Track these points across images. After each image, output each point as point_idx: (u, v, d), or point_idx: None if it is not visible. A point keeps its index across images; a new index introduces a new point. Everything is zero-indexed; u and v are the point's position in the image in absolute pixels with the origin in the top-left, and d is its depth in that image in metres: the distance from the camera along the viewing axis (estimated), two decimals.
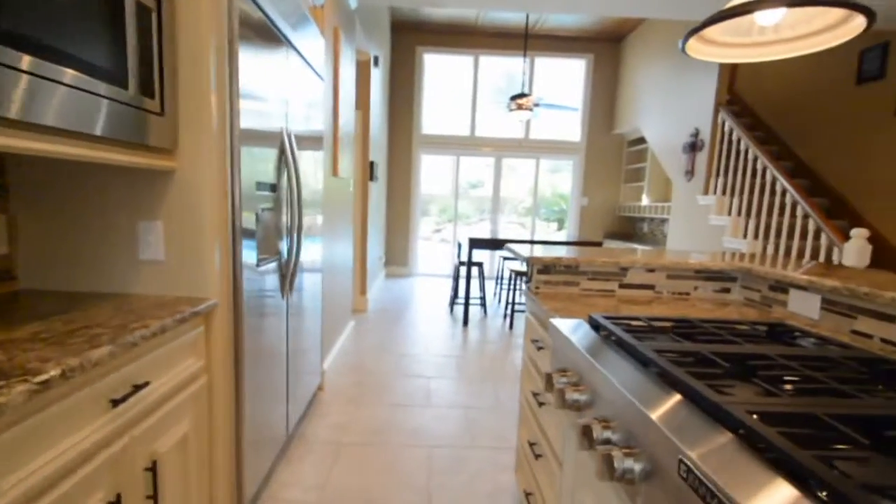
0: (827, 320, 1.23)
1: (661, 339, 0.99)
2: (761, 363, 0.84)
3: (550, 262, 1.55)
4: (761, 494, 0.48)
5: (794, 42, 1.36)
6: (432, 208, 7.40)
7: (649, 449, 0.67)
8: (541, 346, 1.42)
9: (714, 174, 4.35)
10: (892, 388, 0.79)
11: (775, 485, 0.50)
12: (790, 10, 1.26)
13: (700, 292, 1.57)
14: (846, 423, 0.60)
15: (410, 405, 2.51)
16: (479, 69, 6.74)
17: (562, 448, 1.16)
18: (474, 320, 4.42)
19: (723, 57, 1.49)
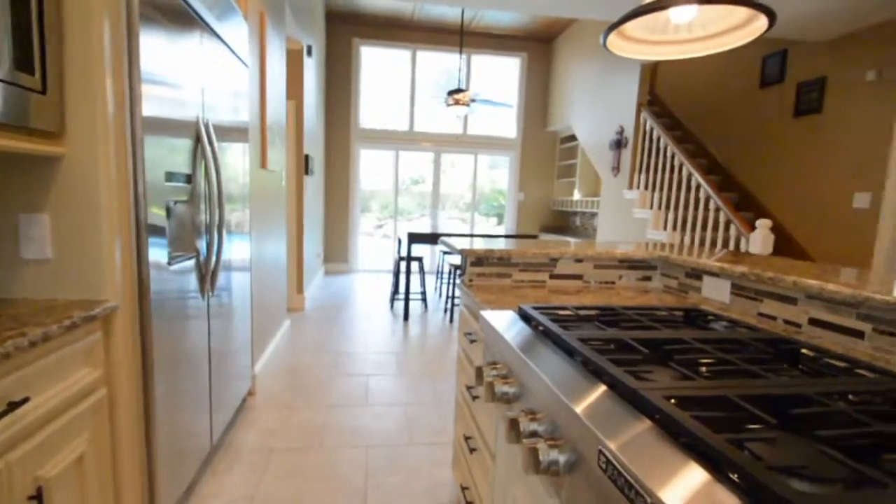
0: (736, 304, 1.30)
1: (587, 328, 0.99)
2: (677, 347, 0.85)
3: (483, 254, 1.53)
4: (676, 481, 0.47)
5: (705, 41, 1.42)
6: (373, 204, 7.24)
7: (573, 440, 0.65)
8: (473, 338, 1.40)
9: (637, 170, 4.59)
10: (795, 366, 0.83)
11: (689, 470, 0.49)
12: (701, 10, 1.31)
13: (624, 281, 1.62)
14: (755, 404, 0.61)
15: (348, 405, 2.41)
16: (417, 64, 6.67)
17: (494, 441, 1.14)
18: (415, 315, 4.37)
19: (641, 53, 1.53)
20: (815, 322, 1.09)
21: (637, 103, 4.56)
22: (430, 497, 1.71)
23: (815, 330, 1.08)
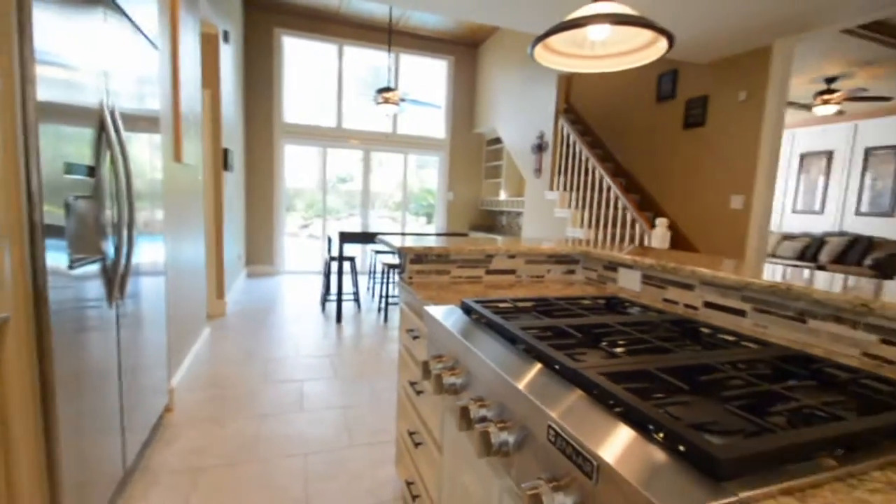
0: (646, 292, 1.46)
1: (525, 318, 1.06)
2: (604, 331, 0.95)
3: (422, 251, 1.56)
4: (614, 444, 0.54)
5: (617, 57, 1.57)
6: (298, 203, 6.94)
7: (521, 420, 0.71)
8: (416, 335, 1.42)
9: (557, 172, 4.90)
10: (696, 341, 0.97)
11: (624, 433, 0.56)
12: (614, 29, 1.45)
13: (552, 274, 1.74)
14: (670, 374, 0.71)
15: (281, 413, 2.32)
16: (344, 59, 6.51)
17: (441, 433, 1.18)
18: (348, 316, 4.28)
19: (563, 65, 1.66)
20: (708, 304, 1.26)
21: (555, 111, 4.86)
22: (373, 497, 1.70)
23: (709, 311, 1.25)
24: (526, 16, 3.50)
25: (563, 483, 0.59)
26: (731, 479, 0.47)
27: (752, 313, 1.15)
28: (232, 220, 4.67)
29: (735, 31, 3.51)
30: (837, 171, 6.82)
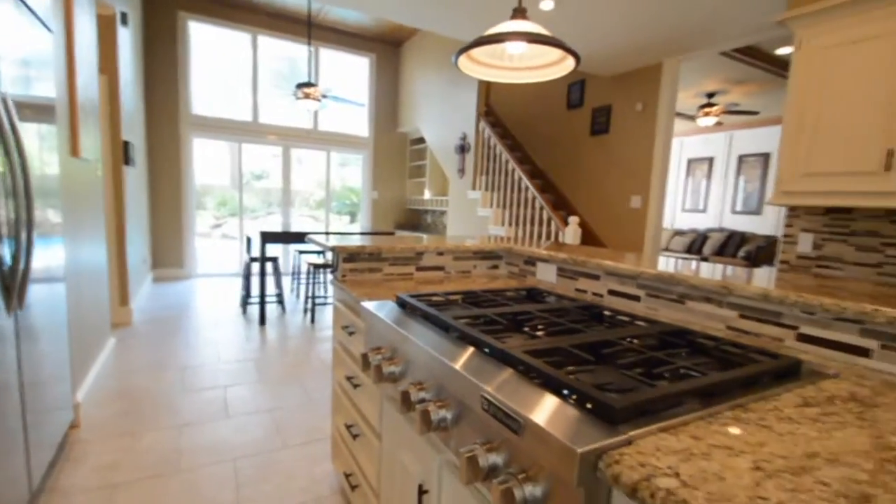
0: (561, 283, 1.64)
1: (456, 309, 1.16)
2: (525, 317, 1.08)
3: (356, 250, 1.60)
4: (535, 405, 0.65)
5: (531, 70, 1.73)
6: (209, 201, 6.49)
7: (457, 396, 0.80)
8: (352, 331, 1.46)
9: (479, 173, 5.12)
10: (601, 322, 1.13)
11: (543, 397, 0.67)
12: (529, 46, 1.61)
13: (478, 269, 1.87)
14: (579, 349, 0.85)
15: (204, 421, 2.21)
16: (259, 50, 6.20)
17: (379, 421, 1.24)
18: (272, 319, 4.13)
19: (484, 75, 1.79)
20: (611, 292, 1.46)
21: (476, 113, 5.07)
22: (309, 494, 1.71)
23: (611, 297, 1.45)
24: (447, 20, 3.63)
25: (496, 444, 0.69)
26: (623, 423, 0.60)
27: (646, 298, 1.36)
28: (135, 220, 4.27)
29: (631, 49, 3.94)
30: (717, 175, 7.84)
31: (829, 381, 0.83)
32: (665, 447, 0.57)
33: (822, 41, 2.29)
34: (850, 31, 2.19)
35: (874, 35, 2.11)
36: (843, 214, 2.52)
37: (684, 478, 0.50)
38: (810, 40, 2.33)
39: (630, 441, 0.57)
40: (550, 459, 0.58)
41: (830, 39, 2.26)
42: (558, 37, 3.95)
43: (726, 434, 0.61)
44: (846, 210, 2.50)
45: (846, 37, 2.20)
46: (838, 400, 0.75)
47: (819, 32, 2.30)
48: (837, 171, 2.25)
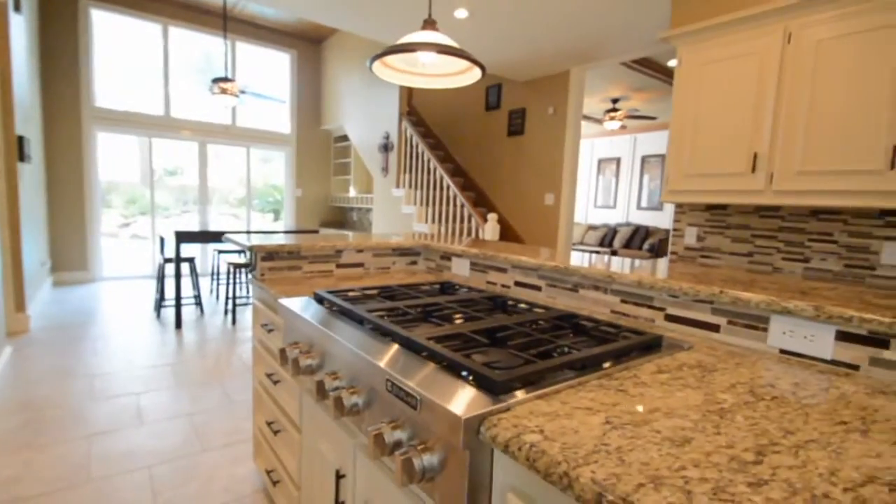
0: (474, 276, 1.74)
1: (371, 303, 1.20)
2: (435, 309, 1.15)
3: (274, 249, 1.58)
4: (433, 383, 0.71)
5: (442, 77, 1.81)
6: (116, 199, 5.87)
7: (368, 382, 0.85)
8: (271, 328, 1.45)
9: (402, 171, 5.15)
10: (503, 311, 1.23)
11: (442, 377, 0.74)
12: (439, 55, 1.68)
13: (397, 265, 1.92)
14: (477, 334, 0.93)
15: (116, 430, 2.04)
16: (171, 42, 5.71)
17: (299, 414, 1.25)
18: (189, 321, 3.86)
19: (399, 80, 1.83)
20: (518, 283, 1.58)
21: (398, 113, 5.09)
22: (231, 494, 1.66)
23: (518, 289, 1.57)
24: (363, 24, 3.61)
25: (400, 422, 0.75)
26: (505, 394, 0.68)
27: (546, 288, 1.49)
28: (31, 220, 3.77)
29: (540, 57, 4.18)
30: (624, 174, 8.52)
31: (684, 353, 0.98)
32: (537, 411, 0.66)
33: (699, 57, 2.57)
34: (722, 50, 2.46)
35: (741, 53, 2.40)
36: (721, 210, 2.86)
37: (547, 433, 0.59)
38: (689, 56, 2.61)
39: (509, 408, 0.66)
40: (442, 428, 0.65)
41: (706, 56, 2.54)
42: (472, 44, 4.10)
43: (589, 398, 0.71)
44: (723, 207, 2.83)
45: (718, 54, 2.48)
46: (686, 367, 0.89)
47: (696, 49, 2.58)
48: (714, 172, 2.55)
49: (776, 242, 2.62)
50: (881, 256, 2.27)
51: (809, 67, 2.18)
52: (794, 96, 2.23)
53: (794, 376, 0.86)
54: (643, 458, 0.54)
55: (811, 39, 2.17)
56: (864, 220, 2.32)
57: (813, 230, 2.48)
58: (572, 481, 0.51)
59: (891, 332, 0.85)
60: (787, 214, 2.58)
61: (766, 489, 0.49)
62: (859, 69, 2.04)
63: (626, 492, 0.47)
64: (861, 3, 2.01)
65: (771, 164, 2.32)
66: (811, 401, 0.75)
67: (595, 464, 0.52)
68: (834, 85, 2.11)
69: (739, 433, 0.62)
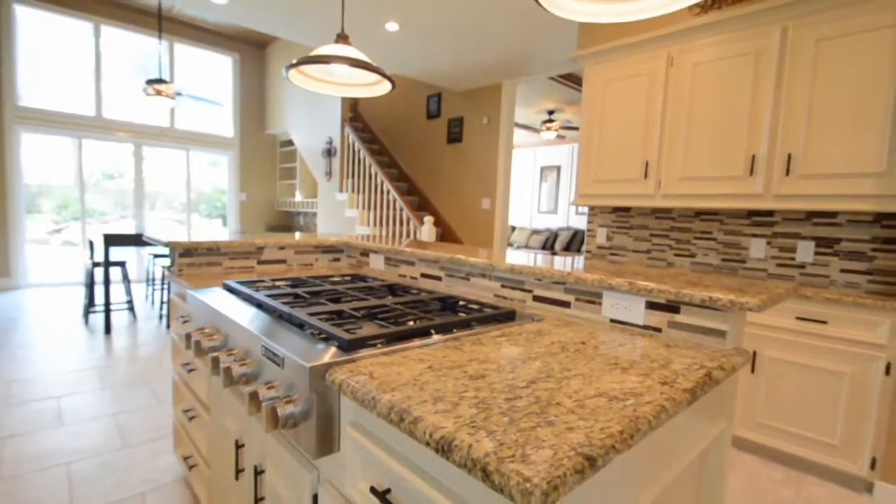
0: (388, 270, 1.90)
1: (276, 291, 1.33)
2: (331, 294, 1.29)
3: (191, 245, 1.67)
4: (302, 349, 0.86)
5: (357, 87, 1.97)
6: (46, 203, 5.57)
7: (254, 354, 0.99)
8: (186, 319, 1.54)
9: (345, 176, 5.25)
10: (393, 295, 1.40)
11: (313, 344, 0.89)
12: (351, 68, 1.84)
13: (321, 262, 2.05)
14: (357, 312, 1.09)
15: (32, 431, 2.02)
16: (104, 40, 5.52)
17: (208, 396, 1.36)
18: (120, 327, 3.76)
19: (313, 87, 1.97)
20: (423, 275, 1.75)
21: (341, 119, 5.19)
22: (151, 484, 1.72)
23: (423, 280, 1.74)
24: (297, 32, 3.71)
25: (275, 383, 0.90)
26: (354, 351, 0.85)
27: (445, 278, 1.67)
28: None
29: (472, 70, 4.43)
30: (564, 181, 8.99)
31: (532, 324, 1.17)
32: (376, 362, 0.82)
33: (600, 76, 2.89)
34: (619, 70, 2.78)
35: (634, 74, 2.72)
36: (624, 213, 3.19)
37: (374, 375, 0.75)
38: (593, 75, 2.93)
39: (354, 360, 0.82)
40: (300, 380, 0.80)
41: (606, 75, 2.86)
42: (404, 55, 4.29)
43: (427, 353, 0.88)
44: (626, 209, 3.16)
45: (616, 73, 2.80)
46: (526, 333, 1.08)
47: (598, 70, 2.90)
48: (615, 178, 2.86)
49: (668, 241, 2.96)
50: (750, 251, 2.64)
51: (687, 87, 2.52)
52: (676, 111, 2.56)
53: (607, 336, 1.07)
54: (439, 387, 0.72)
55: (688, 63, 2.51)
56: (736, 220, 2.68)
57: (697, 229, 2.83)
58: (375, 402, 0.67)
59: (678, 300, 1.09)
60: (676, 216, 2.91)
61: (517, 402, 0.67)
62: (726, 90, 2.38)
63: (409, 405, 0.64)
64: (726, 32, 2.37)
65: (659, 171, 2.65)
66: (605, 351, 0.95)
67: (398, 391, 0.69)
68: (706, 102, 2.45)
69: (527, 372, 0.80)
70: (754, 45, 2.28)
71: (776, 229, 2.53)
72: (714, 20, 2.37)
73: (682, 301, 1.09)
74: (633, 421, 0.63)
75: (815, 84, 2.12)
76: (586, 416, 0.63)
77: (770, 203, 2.27)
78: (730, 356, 0.95)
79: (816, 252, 2.40)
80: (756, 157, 2.29)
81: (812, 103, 2.13)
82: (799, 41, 2.16)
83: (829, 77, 2.08)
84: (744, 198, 2.36)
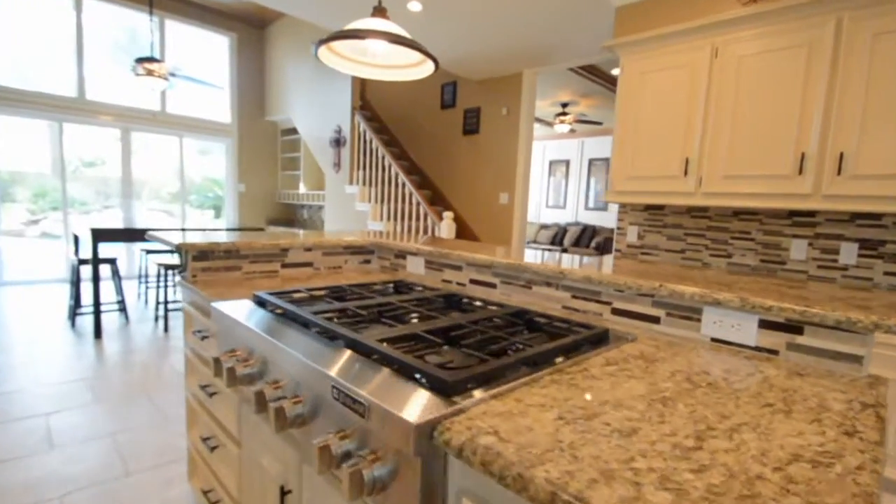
0: (429, 275, 1.73)
1: (320, 304, 1.16)
2: (388, 309, 1.13)
3: (207, 247, 1.49)
4: (383, 389, 0.70)
5: (393, 69, 1.79)
6: (21, 192, 5.31)
7: (313, 390, 0.82)
8: (205, 335, 1.37)
9: (356, 167, 5.06)
10: (458, 309, 1.23)
11: (393, 381, 0.72)
12: (389, 44, 1.65)
13: (349, 264, 1.88)
14: (431, 334, 0.92)
15: (19, 457, 1.84)
16: (85, 14, 5.25)
17: (238, 428, 1.19)
18: (112, 330, 3.57)
19: (347, 69, 1.79)
20: (473, 281, 1.59)
21: (351, 107, 4.99)
22: None
23: (472, 286, 1.58)
24: (310, 7, 3.50)
25: (348, 431, 0.73)
26: (457, 395, 0.68)
27: (501, 285, 1.51)
28: None
29: (493, 57, 4.25)
30: (573, 176, 8.86)
31: (629, 345, 1.03)
32: (491, 411, 0.66)
33: (639, 66, 2.76)
34: (659, 60, 2.68)
35: (675, 65, 2.61)
36: (658, 211, 3.09)
37: (501, 434, 0.59)
38: (630, 65, 2.80)
39: (463, 410, 0.66)
40: (393, 436, 0.63)
41: (644, 66, 2.74)
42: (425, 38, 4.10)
43: (542, 394, 0.73)
44: (660, 207, 3.07)
45: (655, 65, 2.69)
46: (631, 358, 0.94)
47: (636, 59, 2.77)
48: (652, 174, 2.75)
49: (704, 240, 2.89)
50: (790, 252, 2.56)
51: (732, 80, 2.42)
52: (720, 106, 2.47)
53: (724, 363, 0.94)
54: (594, 451, 0.56)
55: (734, 55, 2.41)
56: (776, 220, 2.61)
57: (735, 229, 2.76)
58: (527, 482, 0.51)
59: (803, 320, 0.95)
60: (713, 215, 2.84)
61: (707, 475, 0.52)
62: (774, 84, 2.27)
63: (578, 489, 0.48)
64: (772, 24, 2.26)
65: (700, 169, 2.55)
66: (740, 385, 0.82)
67: (549, 462, 0.53)
68: (753, 97, 2.34)
69: (681, 421, 0.66)
70: (806, 38, 2.17)
71: (818, 230, 2.47)
72: (763, 10, 2.27)
73: (810, 321, 0.96)
74: (866, 498, 0.49)
75: (870, 80, 2.02)
76: (807, 493, 0.49)
77: (819, 203, 2.19)
78: (876, 386, 0.86)
79: (860, 254, 2.34)
80: (806, 155, 2.20)
81: (867, 100, 2.03)
82: (854, 34, 2.05)
83: (885, 74, 1.98)
84: (791, 198, 2.29)
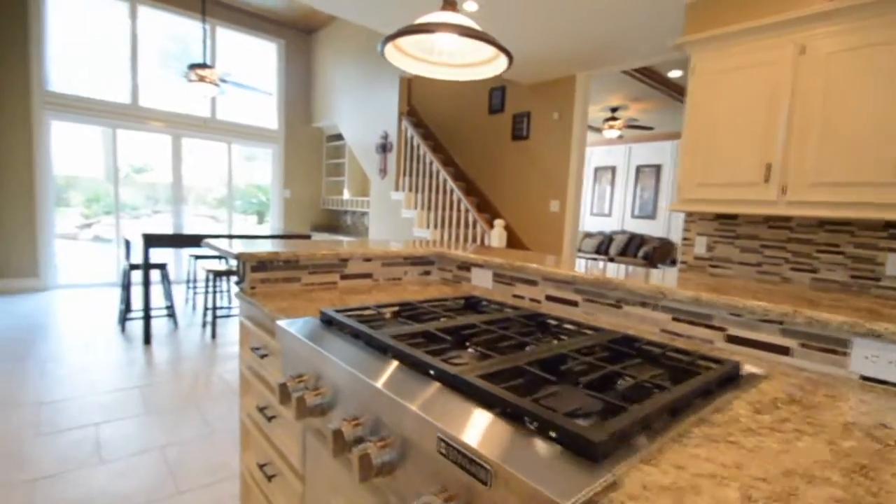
0: (498, 289, 1.59)
1: (392, 325, 1.05)
2: (470, 331, 0.99)
3: (267, 257, 1.41)
4: (502, 445, 0.56)
5: (463, 68, 1.67)
6: (75, 196, 5.54)
7: (403, 434, 0.69)
8: (264, 353, 1.28)
9: (402, 173, 5.01)
10: (548, 332, 1.09)
11: (509, 433, 0.59)
12: (461, 40, 1.54)
13: (409, 276, 1.77)
14: (537, 368, 0.78)
15: (68, 471, 1.82)
16: (141, 22, 5.47)
17: (301, 461, 1.08)
18: (161, 336, 3.62)
19: (413, 68, 1.69)
20: (549, 298, 1.44)
21: (398, 112, 4.95)
22: None
23: (550, 303, 1.43)
24: (366, 9, 3.47)
25: (456, 493, 0.60)
26: (605, 458, 0.54)
27: (583, 303, 1.36)
28: None
29: (547, 59, 4.10)
30: (619, 183, 8.55)
31: (764, 383, 0.86)
32: (652, 484, 0.51)
33: (712, 65, 2.57)
34: (736, 59, 2.48)
35: (755, 63, 2.41)
36: (730, 220, 2.86)
37: None
38: (703, 64, 2.61)
39: (616, 481, 0.51)
40: None
41: (720, 65, 2.55)
42: None
43: (702, 457, 0.57)
44: (732, 216, 2.85)
45: (732, 63, 2.50)
46: (780, 403, 0.77)
47: (710, 57, 2.57)
48: (727, 181, 2.54)
49: (785, 253, 2.67)
50: (886, 267, 2.32)
51: (821, 79, 2.22)
52: (808, 107, 2.27)
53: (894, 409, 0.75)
54: None
55: (822, 52, 2.22)
56: (870, 231, 2.37)
57: (821, 241, 2.53)
58: None
59: None
60: (795, 225, 2.63)
61: None
62: (869, 82, 2.07)
63: None
64: (869, 18, 2.05)
65: (784, 176, 2.34)
66: None
67: None
68: (845, 97, 2.13)
69: None
70: None
71: None
72: (857, 3, 2.07)
73: None
74: None
75: None
76: None
77: None
78: None
79: None
80: None
81: None
82: None
83: None
84: (891, 207, 2.04)
